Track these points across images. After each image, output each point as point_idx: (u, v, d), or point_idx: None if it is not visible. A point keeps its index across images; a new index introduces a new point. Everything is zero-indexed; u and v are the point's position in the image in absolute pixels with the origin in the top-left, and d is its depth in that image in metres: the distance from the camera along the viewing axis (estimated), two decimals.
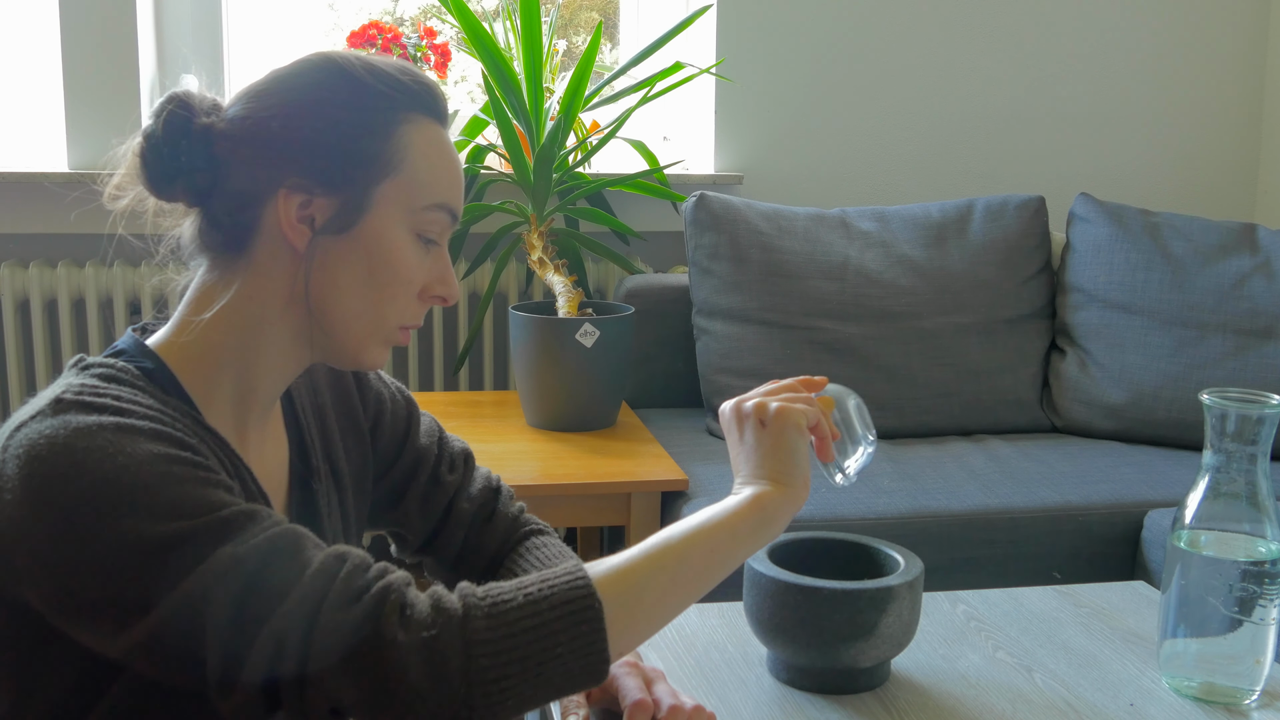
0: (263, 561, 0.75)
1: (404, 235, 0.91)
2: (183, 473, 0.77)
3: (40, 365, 2.46)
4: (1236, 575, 1.02)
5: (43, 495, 0.74)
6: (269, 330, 0.91)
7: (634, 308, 2.25)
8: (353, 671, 0.73)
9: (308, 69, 0.91)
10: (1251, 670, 1.04)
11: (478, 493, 1.14)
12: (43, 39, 2.50)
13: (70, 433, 0.76)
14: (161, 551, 0.74)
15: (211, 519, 0.76)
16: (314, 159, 0.88)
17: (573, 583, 0.79)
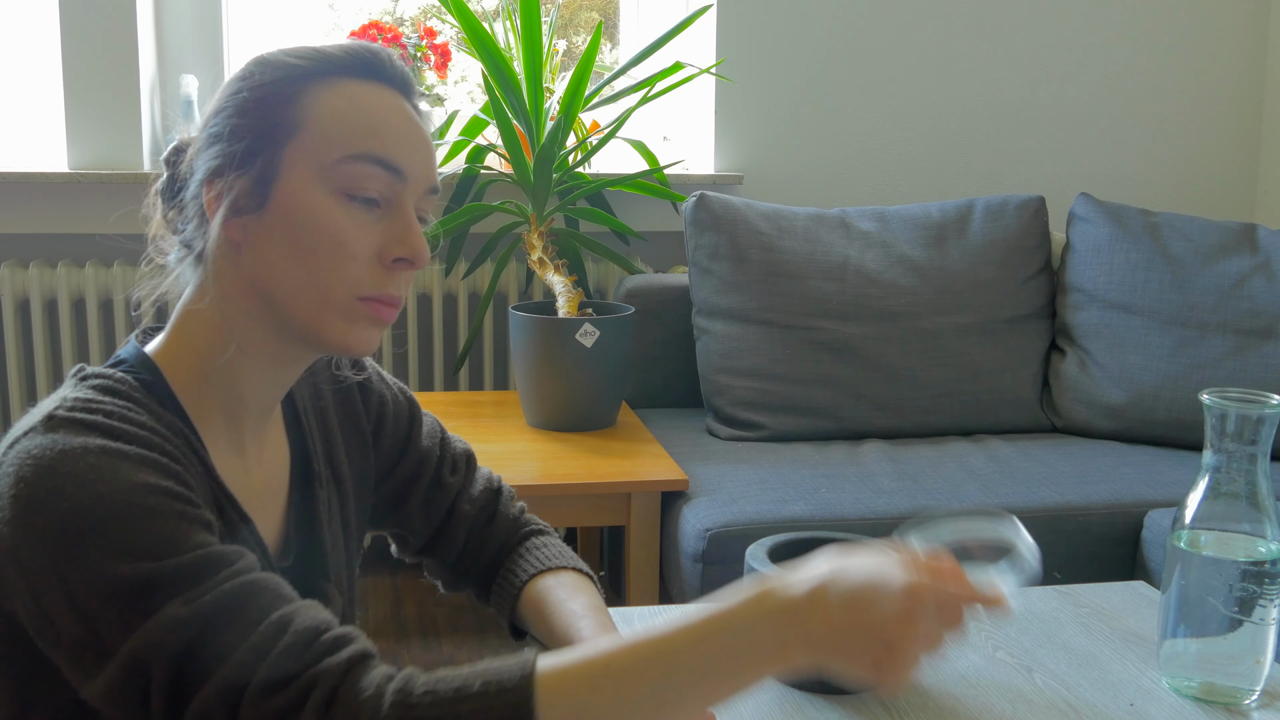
0: (206, 624, 0.72)
1: (320, 195, 0.87)
2: (160, 504, 0.75)
3: (40, 365, 2.46)
4: (1236, 575, 1.02)
5: (26, 517, 0.73)
6: (239, 330, 0.89)
7: (634, 308, 2.25)
8: None
9: (239, 69, 0.92)
10: (1251, 670, 1.04)
11: (479, 494, 1.14)
12: (43, 39, 2.50)
13: (56, 454, 0.75)
14: (120, 594, 0.72)
15: (173, 564, 0.73)
16: (225, 142, 0.87)
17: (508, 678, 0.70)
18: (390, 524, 1.13)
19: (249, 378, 0.91)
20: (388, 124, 0.89)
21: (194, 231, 0.91)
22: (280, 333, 0.90)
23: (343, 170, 0.87)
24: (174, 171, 0.93)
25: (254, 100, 0.87)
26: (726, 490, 1.90)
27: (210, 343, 0.90)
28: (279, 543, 0.97)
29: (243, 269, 0.88)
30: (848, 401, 2.25)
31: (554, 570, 1.10)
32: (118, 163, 2.45)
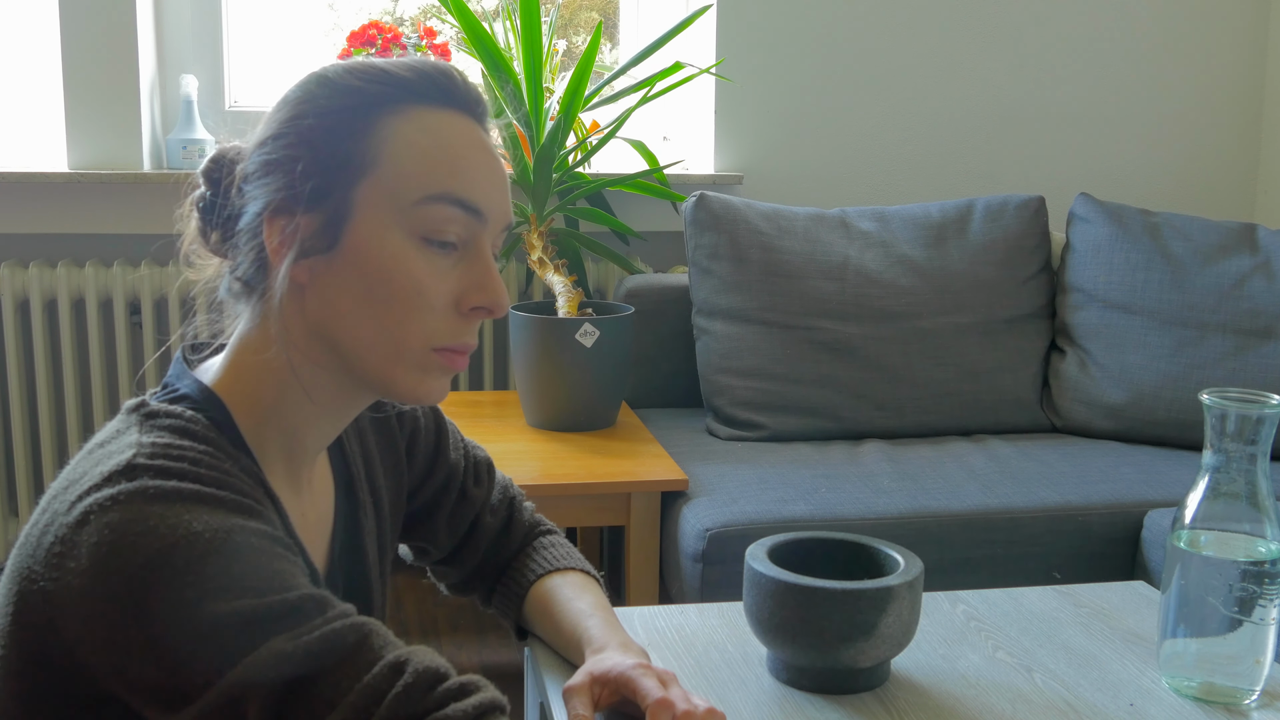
0: (313, 662, 0.69)
1: (398, 240, 0.80)
2: (259, 544, 0.72)
3: (40, 365, 2.46)
4: (1236, 575, 1.02)
5: (110, 564, 0.69)
6: (302, 373, 0.84)
7: (634, 308, 2.25)
8: None
9: (294, 87, 0.85)
10: (1251, 670, 1.04)
11: (498, 504, 1.14)
12: (43, 39, 2.50)
13: (147, 498, 0.71)
14: (219, 631, 0.68)
15: (277, 601, 0.70)
16: (290, 175, 0.80)
17: None
18: (416, 537, 1.12)
19: (310, 420, 0.86)
20: (467, 160, 0.82)
21: (250, 266, 0.83)
22: (345, 378, 0.85)
23: (421, 213, 0.80)
24: (216, 188, 0.86)
25: (322, 130, 0.80)
26: (726, 490, 1.90)
27: (272, 385, 0.84)
28: (325, 575, 0.95)
29: (307, 312, 0.82)
30: (848, 401, 2.25)
31: (561, 571, 1.10)
32: (118, 163, 2.45)
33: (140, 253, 2.54)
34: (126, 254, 2.54)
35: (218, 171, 0.87)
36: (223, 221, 0.85)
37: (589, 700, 0.92)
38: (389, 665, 0.71)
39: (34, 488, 2.54)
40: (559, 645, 1.07)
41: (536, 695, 1.14)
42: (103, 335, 2.48)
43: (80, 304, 2.49)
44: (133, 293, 2.47)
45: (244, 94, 2.66)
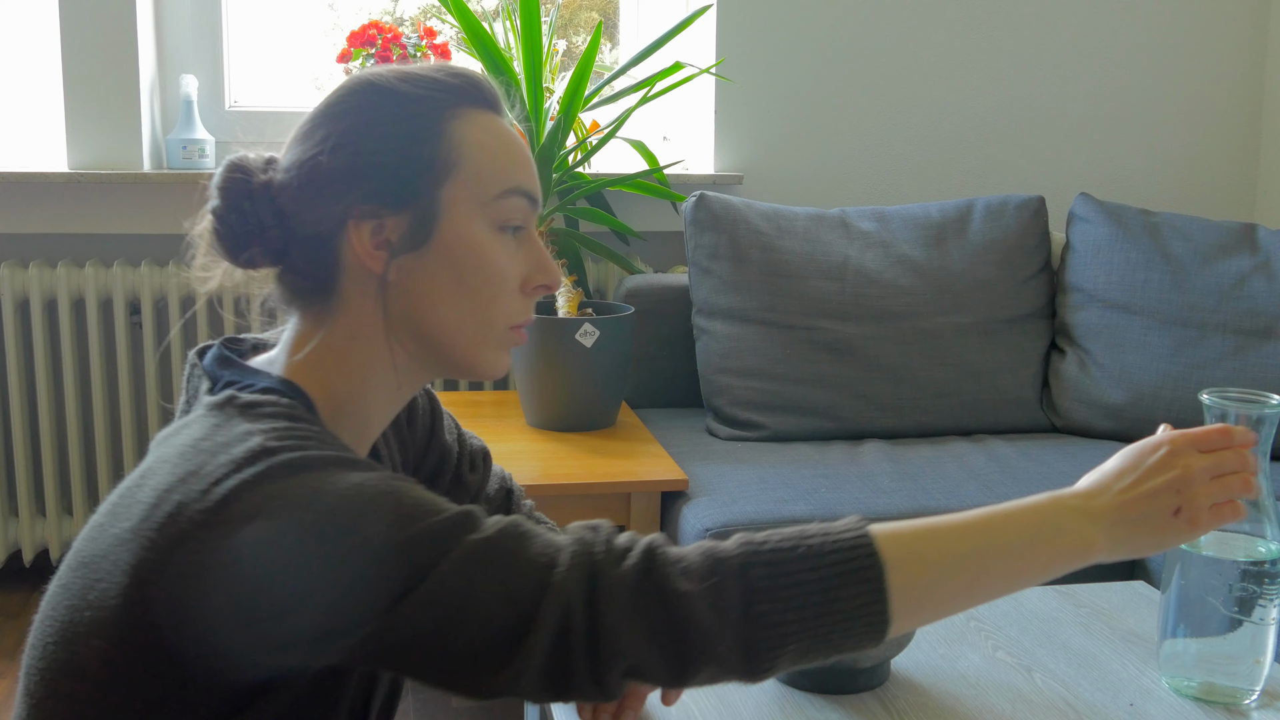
0: (514, 541, 0.76)
1: (484, 231, 0.88)
2: (401, 482, 0.78)
3: (40, 365, 2.46)
4: (1236, 575, 1.02)
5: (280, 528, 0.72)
6: (379, 366, 0.89)
7: (634, 308, 2.24)
8: (644, 625, 0.74)
9: (344, 95, 0.89)
10: (1251, 670, 1.04)
11: (494, 494, 1.15)
12: (43, 39, 2.50)
13: (295, 469, 0.75)
14: (410, 548, 0.73)
15: (449, 515, 0.76)
16: (372, 181, 0.86)
17: (855, 540, 0.78)
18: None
19: (380, 407, 0.92)
20: (522, 155, 0.91)
21: (318, 270, 0.88)
22: (423, 363, 0.91)
23: (498, 205, 0.89)
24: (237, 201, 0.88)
25: (397, 136, 0.86)
26: (726, 490, 1.90)
27: (346, 382, 0.89)
28: None
29: (391, 306, 0.88)
30: (848, 401, 2.25)
31: None
32: (118, 163, 2.45)
33: (140, 253, 2.54)
34: (126, 254, 2.54)
35: (239, 186, 0.88)
36: (262, 235, 0.87)
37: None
38: (578, 526, 0.79)
39: (34, 487, 2.54)
40: None
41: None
42: (103, 335, 2.48)
43: (80, 304, 2.49)
44: (133, 293, 2.47)
45: (244, 94, 2.66)
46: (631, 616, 0.74)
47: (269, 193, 0.87)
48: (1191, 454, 0.86)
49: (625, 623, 0.74)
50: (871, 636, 0.77)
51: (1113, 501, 0.84)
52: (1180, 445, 0.86)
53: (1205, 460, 0.86)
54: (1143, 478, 0.85)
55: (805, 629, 0.76)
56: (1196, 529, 0.85)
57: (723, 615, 0.75)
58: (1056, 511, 0.83)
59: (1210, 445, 0.87)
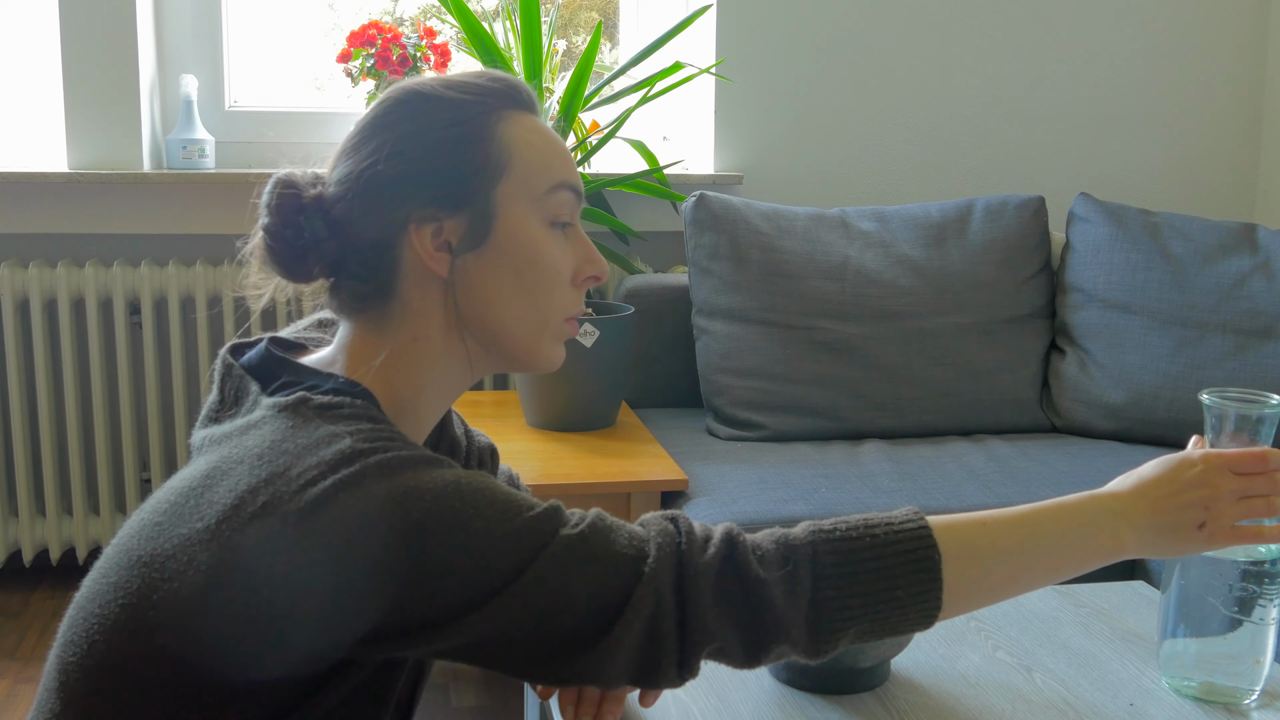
0: (603, 534, 0.80)
1: (538, 227, 0.92)
2: (485, 479, 0.81)
3: (40, 365, 2.46)
4: (1236, 575, 1.02)
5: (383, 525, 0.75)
6: (441, 367, 0.92)
7: (634, 308, 2.24)
8: (729, 610, 0.81)
9: (390, 105, 0.92)
10: (1251, 670, 1.04)
11: None
12: (43, 39, 2.50)
13: (390, 470, 0.77)
14: (509, 542, 0.77)
15: (540, 511, 0.80)
16: (429, 186, 0.89)
17: (916, 532, 0.86)
18: None
19: (433, 406, 0.94)
20: (564, 151, 0.95)
21: (378, 275, 0.90)
22: (475, 361, 0.94)
23: (549, 201, 0.92)
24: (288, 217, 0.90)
25: (451, 141, 0.89)
26: (726, 490, 1.90)
27: (409, 384, 0.91)
28: None
29: (451, 305, 0.91)
30: (848, 401, 2.25)
31: None
32: (117, 163, 2.45)
33: (140, 253, 2.54)
34: (126, 254, 2.54)
35: (291, 202, 0.90)
36: (319, 248, 0.90)
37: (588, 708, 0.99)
38: (656, 517, 0.84)
39: (34, 487, 2.54)
40: None
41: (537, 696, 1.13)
42: (102, 335, 2.48)
43: (80, 304, 2.49)
44: (132, 293, 2.47)
45: (244, 94, 2.66)
46: (717, 602, 0.81)
47: (321, 206, 0.90)
48: (1225, 474, 0.92)
49: (712, 608, 0.80)
50: (924, 621, 0.85)
51: (1148, 508, 0.91)
52: (1215, 464, 0.93)
53: (1236, 483, 0.92)
54: (1177, 490, 0.92)
55: (867, 613, 0.83)
56: (1215, 543, 0.92)
57: (796, 600, 0.82)
58: (1096, 512, 0.91)
59: (1244, 468, 0.93)
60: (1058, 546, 0.89)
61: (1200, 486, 0.92)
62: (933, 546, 0.85)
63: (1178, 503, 0.92)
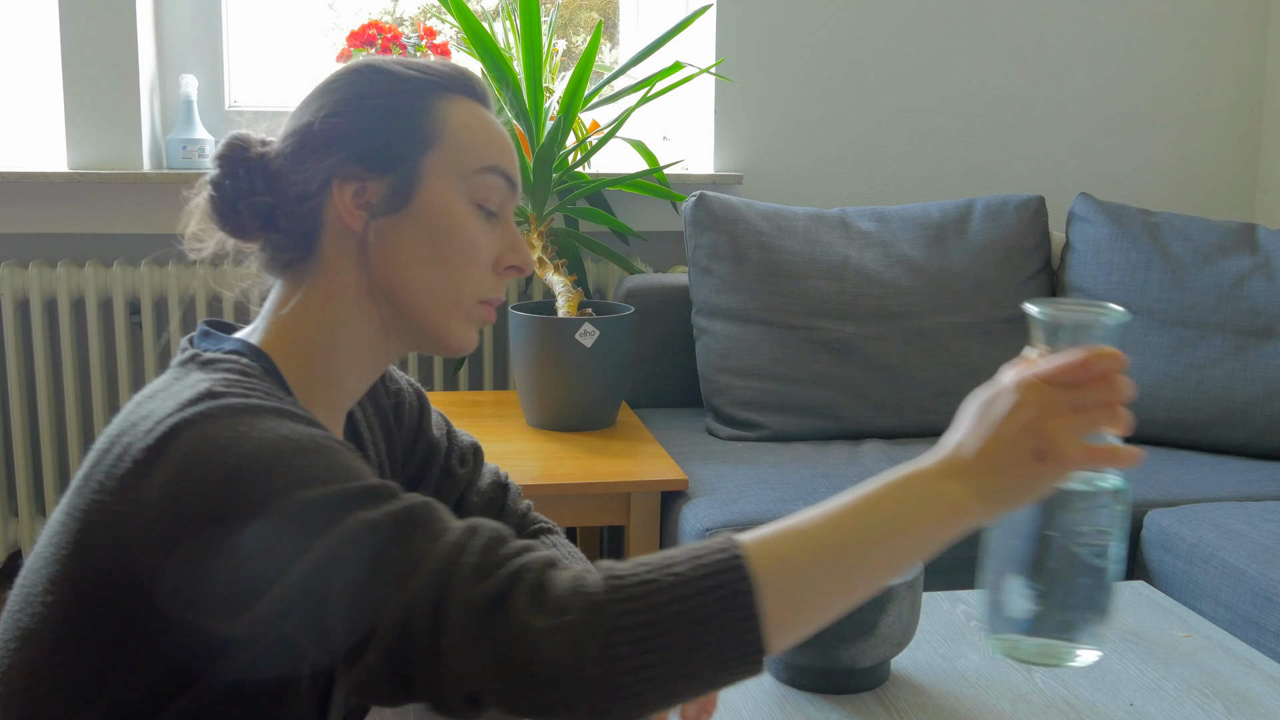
0: (398, 529, 0.73)
1: (460, 203, 0.92)
2: (335, 446, 0.78)
3: (40, 365, 2.46)
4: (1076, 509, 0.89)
5: (203, 467, 0.75)
6: (352, 327, 0.93)
7: (634, 308, 2.24)
8: (485, 654, 0.68)
9: (341, 73, 0.95)
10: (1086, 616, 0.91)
11: (487, 487, 1.15)
12: (43, 39, 2.50)
13: (234, 413, 0.77)
14: (306, 511, 0.73)
15: (358, 485, 0.75)
16: (358, 146, 0.91)
17: (725, 563, 0.71)
18: None
19: (352, 373, 0.94)
20: (504, 141, 0.96)
21: (302, 232, 0.92)
22: (392, 329, 0.94)
23: (476, 181, 0.93)
24: (236, 170, 0.93)
25: (389, 108, 0.91)
26: (726, 490, 1.90)
27: (321, 339, 0.92)
28: None
29: (366, 268, 0.92)
30: (848, 401, 2.25)
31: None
32: (117, 163, 2.45)
33: (140, 253, 2.54)
34: (126, 254, 2.54)
35: (238, 155, 0.93)
36: (250, 200, 0.92)
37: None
38: (466, 527, 0.74)
39: (34, 487, 2.54)
40: None
41: None
42: (102, 335, 2.48)
43: (80, 304, 2.49)
44: (132, 293, 2.47)
45: (244, 94, 2.66)
46: (474, 644, 0.69)
47: (264, 162, 0.93)
48: (1044, 390, 0.77)
49: (467, 649, 0.69)
50: (747, 665, 0.70)
51: (975, 457, 0.77)
52: (1028, 383, 0.78)
53: (1062, 395, 0.77)
54: (997, 425, 0.77)
55: (672, 666, 0.68)
56: (1065, 465, 0.76)
57: (575, 656, 0.67)
58: (919, 480, 0.76)
59: (1066, 379, 0.78)
60: (890, 531, 0.74)
61: (1021, 409, 0.77)
62: (744, 577, 0.70)
63: (1004, 437, 0.77)
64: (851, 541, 0.74)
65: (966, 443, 0.78)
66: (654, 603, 0.69)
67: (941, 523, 0.75)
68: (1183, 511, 1.84)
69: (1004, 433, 0.77)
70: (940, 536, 0.76)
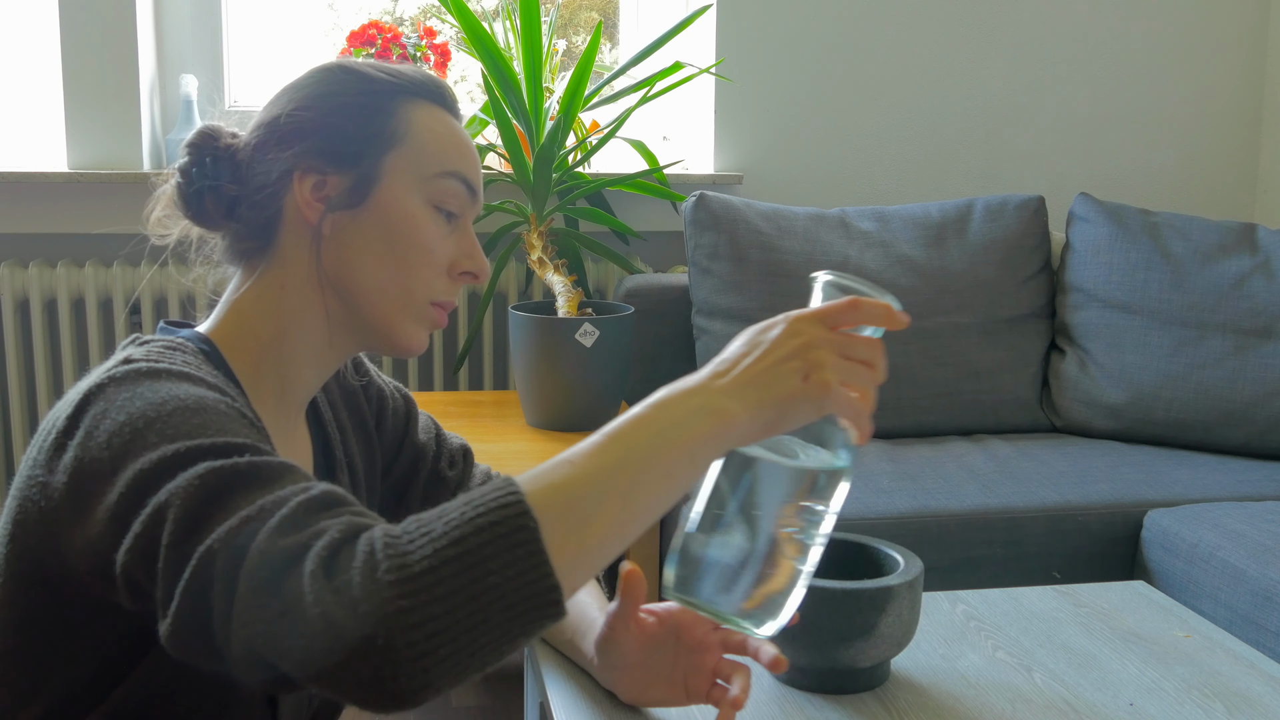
0: (235, 479, 0.71)
1: (418, 204, 0.93)
2: (226, 409, 0.79)
3: (40, 365, 2.46)
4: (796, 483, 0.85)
5: (100, 428, 0.77)
6: (304, 318, 0.94)
7: (634, 308, 2.24)
8: (273, 610, 0.64)
9: (314, 70, 0.97)
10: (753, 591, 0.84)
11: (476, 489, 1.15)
12: (43, 39, 2.50)
13: (138, 376, 0.80)
14: (163, 466, 0.73)
15: (221, 440, 0.74)
16: (322, 141, 0.92)
17: (501, 500, 0.66)
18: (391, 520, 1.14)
19: (301, 365, 0.95)
20: (468, 149, 0.97)
21: (261, 222, 0.94)
22: (341, 324, 0.95)
23: (436, 184, 0.94)
24: (202, 159, 0.95)
25: (354, 107, 0.93)
26: None
27: (270, 327, 0.94)
28: None
29: (322, 261, 0.93)
30: None
31: None
32: (117, 162, 2.45)
33: (140, 253, 2.54)
34: (126, 254, 2.54)
35: (207, 144, 0.96)
36: (214, 188, 0.94)
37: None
38: (300, 487, 0.71)
39: None
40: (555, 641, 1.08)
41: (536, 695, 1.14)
42: (102, 335, 2.48)
43: (80, 304, 2.49)
44: (132, 293, 2.47)
45: (244, 94, 2.66)
46: (265, 596, 0.64)
47: (231, 153, 0.95)
48: (814, 324, 0.79)
49: (258, 601, 0.64)
50: (541, 608, 0.65)
51: (741, 375, 0.77)
52: (801, 316, 0.80)
53: (832, 336, 0.79)
54: (764, 351, 0.78)
55: (458, 619, 0.63)
56: (827, 395, 0.77)
57: (357, 616, 0.62)
58: (684, 397, 0.75)
59: (836, 320, 0.80)
60: (661, 448, 0.72)
61: (791, 336, 0.78)
62: (525, 512, 0.66)
63: (772, 357, 0.77)
64: (623, 463, 0.71)
65: (734, 359, 0.78)
66: (430, 550, 0.64)
67: (709, 435, 0.74)
68: (1183, 511, 1.84)
69: (772, 353, 0.78)
70: (709, 449, 0.75)
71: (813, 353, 0.78)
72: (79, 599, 0.79)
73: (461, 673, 0.64)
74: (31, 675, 0.81)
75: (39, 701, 0.81)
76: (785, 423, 0.77)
